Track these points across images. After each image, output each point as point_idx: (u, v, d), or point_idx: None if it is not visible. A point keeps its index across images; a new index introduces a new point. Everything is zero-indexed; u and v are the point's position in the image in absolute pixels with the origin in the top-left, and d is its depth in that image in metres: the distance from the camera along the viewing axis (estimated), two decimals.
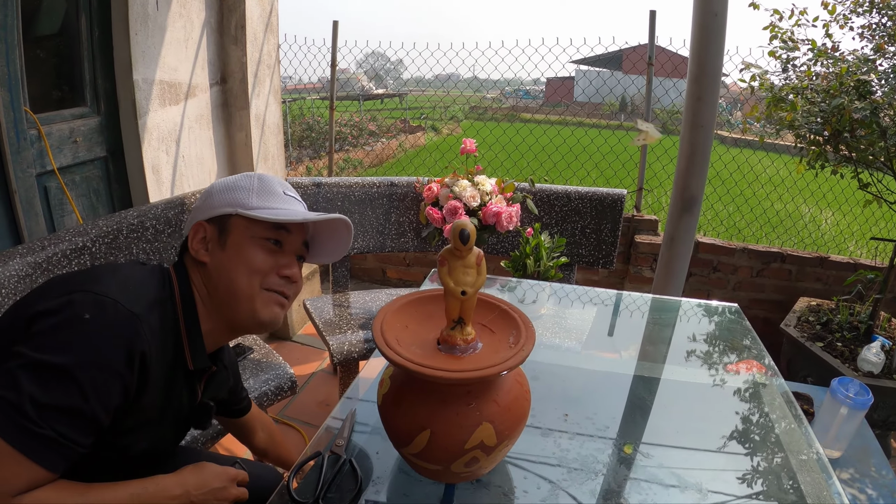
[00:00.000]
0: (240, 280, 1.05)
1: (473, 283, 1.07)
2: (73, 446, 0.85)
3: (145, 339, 0.90)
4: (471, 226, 1.04)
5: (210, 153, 2.94)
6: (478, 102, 7.04)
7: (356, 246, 2.82)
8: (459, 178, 2.50)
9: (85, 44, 2.28)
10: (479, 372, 0.99)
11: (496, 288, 2.38)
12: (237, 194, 1.08)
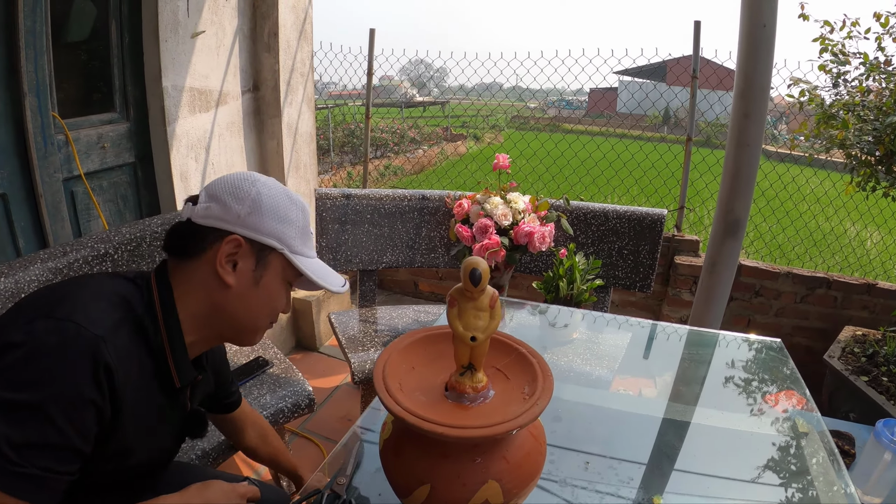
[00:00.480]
0: (261, 320, 1.05)
1: (485, 329, 0.96)
2: (60, 477, 0.83)
3: (111, 361, 0.85)
4: (484, 265, 0.94)
5: (241, 161, 2.90)
6: (520, 112, 6.91)
7: (385, 260, 2.74)
8: (491, 194, 2.39)
9: (115, 50, 2.27)
10: (486, 430, 0.89)
11: (527, 310, 2.27)
12: (288, 229, 1.03)
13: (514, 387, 1.03)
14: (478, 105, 5.83)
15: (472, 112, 6.69)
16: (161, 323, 0.97)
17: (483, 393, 1.01)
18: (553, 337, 2.13)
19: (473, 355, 0.99)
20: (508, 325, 2.20)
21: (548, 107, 7.46)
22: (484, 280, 0.93)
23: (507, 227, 2.31)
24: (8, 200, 1.98)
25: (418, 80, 8.71)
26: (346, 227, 2.68)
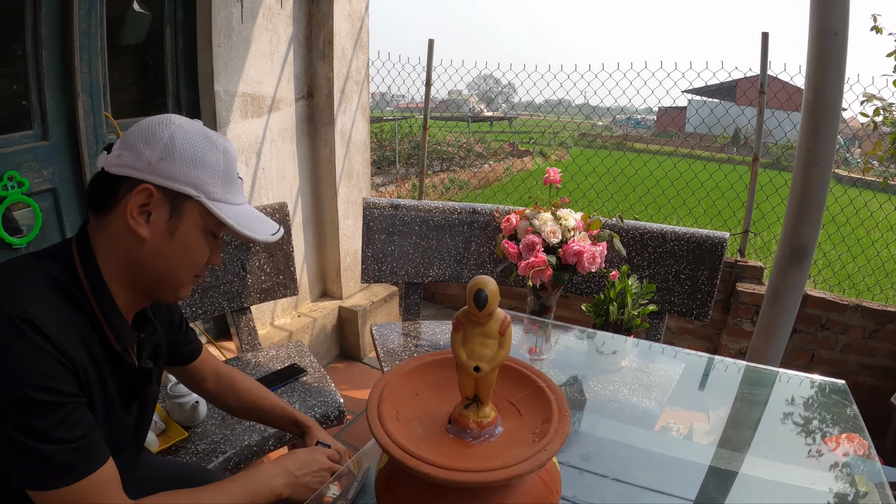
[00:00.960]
0: (180, 273, 0.96)
1: (492, 358, 0.85)
2: (93, 433, 0.87)
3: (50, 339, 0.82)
4: (492, 287, 0.82)
5: (292, 167, 2.88)
6: (587, 129, 6.70)
7: (431, 274, 2.65)
8: (541, 210, 2.26)
9: (169, 54, 2.28)
10: (481, 475, 0.77)
11: (573, 334, 2.12)
12: (203, 174, 0.92)
13: (525, 425, 0.91)
14: (545, 122, 5.68)
15: (539, 128, 6.55)
16: (87, 289, 0.91)
17: (489, 429, 0.89)
18: (600, 364, 1.97)
19: (479, 387, 0.88)
20: (553, 348, 2.07)
21: (615, 125, 7.20)
22: (491, 303, 0.82)
23: (555, 245, 2.17)
24: (58, 195, 2.01)
25: (486, 95, 8.64)
26: (392, 237, 2.60)
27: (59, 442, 0.81)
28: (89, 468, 0.84)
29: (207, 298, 2.16)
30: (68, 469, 0.82)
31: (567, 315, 3.55)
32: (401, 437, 0.83)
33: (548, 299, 2.33)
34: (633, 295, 2.10)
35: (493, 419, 0.90)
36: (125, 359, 0.98)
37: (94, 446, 0.86)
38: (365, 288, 3.51)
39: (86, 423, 0.85)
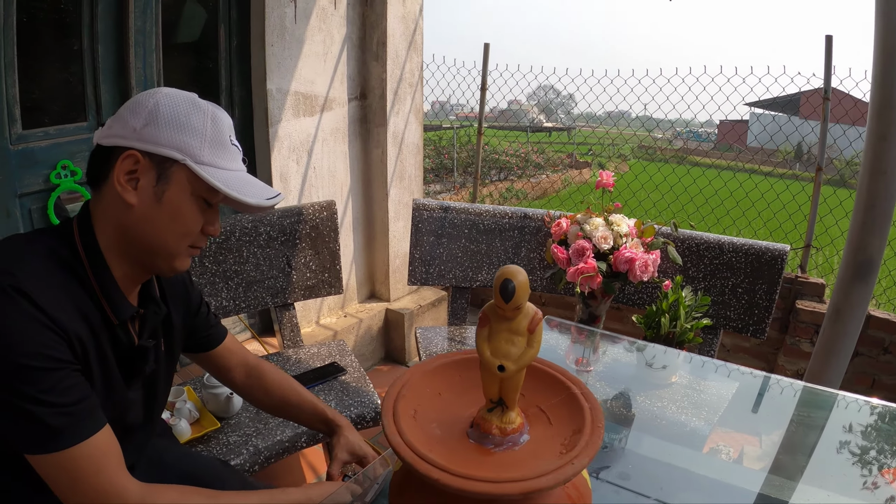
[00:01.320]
0: (170, 241, 0.93)
1: (518, 358, 0.75)
2: (89, 398, 0.86)
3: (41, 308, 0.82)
4: (521, 277, 0.73)
5: (344, 167, 2.85)
6: (647, 141, 6.48)
7: (479, 278, 2.56)
8: (593, 215, 2.14)
9: (223, 52, 2.30)
10: (500, 486, 0.68)
11: (622, 346, 1.99)
12: (189, 138, 0.89)
13: (554, 434, 0.81)
14: (603, 132, 5.53)
15: (597, 139, 6.37)
16: (85, 261, 0.91)
17: (513, 437, 0.79)
18: (649, 378, 1.84)
19: (504, 389, 0.78)
20: (601, 360, 1.94)
21: (675, 137, 6.93)
22: (520, 296, 0.72)
23: (606, 252, 2.05)
24: None
25: (547, 106, 8.51)
26: (441, 240, 2.53)
27: (52, 406, 0.80)
28: (83, 433, 0.83)
29: (251, 292, 2.14)
30: (61, 432, 0.81)
31: (617, 327, 3.39)
32: (414, 439, 0.75)
33: (597, 308, 2.20)
34: (687, 307, 1.95)
35: (519, 426, 0.81)
36: (123, 333, 0.97)
37: (88, 413, 0.85)
38: (413, 291, 3.45)
39: (79, 389, 0.85)
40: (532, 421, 0.85)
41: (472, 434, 0.81)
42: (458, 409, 0.87)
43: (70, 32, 1.89)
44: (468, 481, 0.68)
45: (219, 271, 2.06)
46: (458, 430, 0.82)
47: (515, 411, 0.81)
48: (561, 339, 2.07)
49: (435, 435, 0.80)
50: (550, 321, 2.15)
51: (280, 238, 2.18)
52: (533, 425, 0.84)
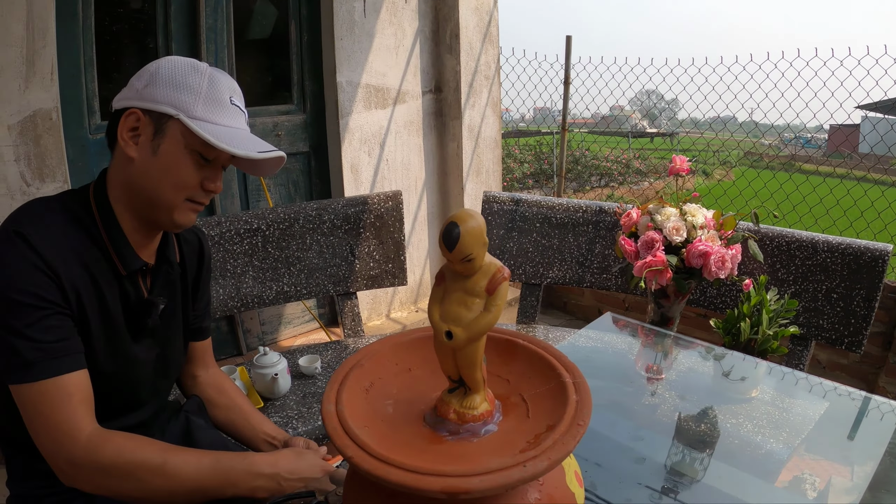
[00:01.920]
0: (165, 192, 0.93)
1: (471, 324, 0.59)
2: (71, 338, 0.88)
3: (38, 252, 0.86)
4: (472, 223, 0.57)
5: (418, 160, 2.76)
6: (754, 148, 5.90)
7: (551, 275, 2.36)
8: (667, 205, 1.89)
9: (294, 47, 2.31)
10: (420, 479, 0.52)
11: (697, 352, 1.73)
12: (183, 95, 0.92)
13: (528, 429, 0.64)
14: (709, 138, 5.10)
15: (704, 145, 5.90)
16: (96, 214, 0.95)
17: (473, 426, 0.63)
18: (725, 391, 1.57)
19: (459, 363, 0.62)
20: (673, 367, 1.69)
21: (784, 144, 6.23)
22: (466, 245, 0.56)
23: (678, 245, 1.80)
24: None
25: (650, 111, 8.06)
26: (511, 234, 2.37)
27: (31, 339, 0.84)
28: (52, 370, 0.85)
29: (313, 279, 2.09)
30: (33, 365, 0.84)
31: (693, 332, 3.03)
32: (350, 410, 0.61)
33: (670, 309, 1.94)
34: (771, 312, 1.66)
35: (484, 414, 0.64)
36: (131, 286, 0.99)
37: (63, 353, 0.87)
38: None
39: (62, 330, 0.87)
40: (510, 411, 0.68)
41: (428, 417, 0.66)
42: (427, 388, 0.72)
43: (146, 31, 1.96)
44: (383, 465, 0.53)
45: (281, 257, 2.03)
46: (416, 411, 0.67)
47: (481, 395, 0.65)
48: (631, 342, 1.84)
49: (383, 412, 0.66)
50: (617, 320, 1.92)
51: (344, 227, 2.12)
52: (508, 416, 0.67)
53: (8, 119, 1.77)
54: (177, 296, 1.11)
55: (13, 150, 1.79)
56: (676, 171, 1.92)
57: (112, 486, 0.87)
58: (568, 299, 3.74)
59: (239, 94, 0.98)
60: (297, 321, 2.66)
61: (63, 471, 0.86)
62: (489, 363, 0.75)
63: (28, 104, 1.80)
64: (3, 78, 1.75)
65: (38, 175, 1.84)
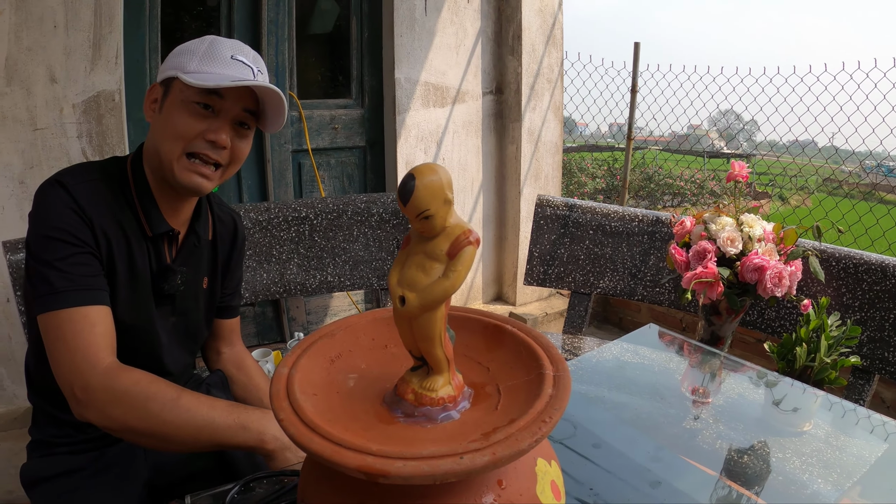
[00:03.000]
0: (164, 144, 0.95)
1: (425, 291, 0.51)
2: (97, 276, 0.92)
3: (79, 198, 0.92)
4: (435, 177, 0.49)
5: (476, 161, 2.69)
6: (832, 175, 5.44)
7: (601, 285, 2.22)
8: (723, 214, 1.73)
9: (354, 43, 2.31)
10: (338, 451, 0.44)
11: (747, 376, 1.54)
12: (183, 57, 0.96)
13: (492, 422, 0.54)
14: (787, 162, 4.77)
15: (781, 169, 5.50)
16: (130, 177, 0.99)
17: (430, 410, 0.55)
18: (774, 421, 1.38)
19: (418, 336, 0.54)
20: (722, 391, 1.53)
21: (865, 172, 5.68)
22: (422, 199, 0.49)
23: (733, 257, 1.63)
24: None
25: (727, 131, 7.64)
26: (563, 240, 2.25)
27: (61, 271, 0.88)
28: (81, 300, 0.88)
29: (357, 271, 2.05)
30: (62, 294, 0.88)
31: (747, 355, 2.77)
32: (302, 378, 0.54)
33: (721, 327, 1.77)
34: (831, 338, 1.47)
35: (445, 398, 0.56)
36: (154, 249, 1.01)
37: (88, 288, 0.90)
38: (542, 298, 3.16)
39: (90, 268, 0.91)
40: (480, 401, 0.59)
41: (387, 396, 0.58)
42: (400, 368, 0.63)
43: (209, 22, 2.01)
44: (308, 432, 0.46)
45: (327, 247, 2.01)
46: (378, 389, 0.60)
47: (444, 377, 0.56)
48: (673, 357, 1.68)
49: (342, 385, 0.59)
50: (663, 334, 1.77)
51: (392, 221, 2.07)
52: (476, 406, 0.58)
53: (73, 98, 1.86)
54: (202, 270, 1.12)
55: (76, 127, 1.88)
56: (734, 177, 1.75)
57: (119, 416, 0.86)
58: (623, 315, 3.55)
59: (247, 53, 0.99)
60: (343, 314, 2.64)
61: (77, 398, 0.86)
62: (472, 349, 0.67)
63: (93, 85, 1.87)
64: (71, 60, 1.83)
65: (99, 152, 1.91)
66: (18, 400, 1.95)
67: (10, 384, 1.95)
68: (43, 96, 1.82)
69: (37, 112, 1.82)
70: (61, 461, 1.03)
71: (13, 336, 1.92)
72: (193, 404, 0.88)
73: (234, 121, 0.98)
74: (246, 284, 1.82)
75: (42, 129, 1.83)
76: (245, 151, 1.02)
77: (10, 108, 1.79)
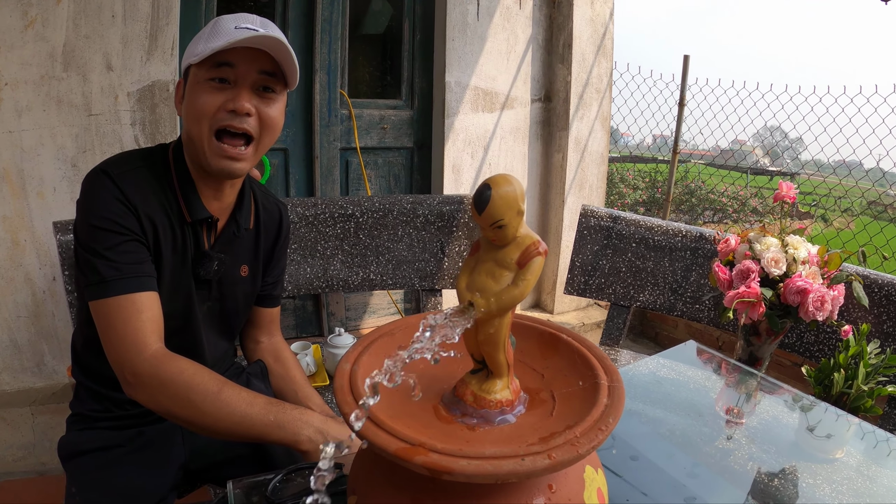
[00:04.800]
0: (193, 128, 0.96)
1: (497, 295, 0.53)
2: (143, 262, 0.94)
3: (123, 186, 0.93)
4: (510, 188, 0.51)
5: (522, 168, 2.69)
6: (878, 198, 5.24)
7: (641, 298, 2.21)
8: (768, 234, 1.71)
9: (406, 45, 2.34)
10: (396, 444, 0.46)
11: (782, 399, 1.52)
12: (193, 45, 0.96)
13: (548, 427, 0.56)
14: (830, 183, 4.66)
15: (827, 190, 5.34)
16: (171, 164, 1.01)
17: (489, 412, 0.57)
18: (806, 447, 1.36)
19: (484, 341, 0.56)
20: (756, 413, 1.51)
21: None
22: (497, 209, 0.51)
23: (776, 278, 1.61)
24: (288, 155, 2.13)
25: (772, 148, 7.46)
26: (606, 251, 2.24)
27: (109, 260, 0.90)
28: (125, 288, 0.90)
29: (400, 271, 2.07)
30: (109, 282, 0.90)
31: (783, 377, 2.71)
32: (366, 372, 0.57)
33: (760, 348, 1.75)
34: (869, 366, 1.45)
35: (503, 402, 0.57)
36: (193, 235, 1.02)
37: (135, 275, 0.92)
38: (581, 308, 3.14)
39: (137, 255, 0.93)
40: (535, 406, 0.61)
41: (445, 396, 0.60)
42: (457, 370, 0.65)
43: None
44: (374, 427, 0.48)
45: (371, 245, 2.03)
46: (436, 389, 0.62)
47: (503, 381, 0.58)
48: (710, 376, 1.67)
49: (401, 383, 0.60)
50: (701, 351, 1.75)
51: (437, 223, 2.08)
52: (531, 411, 0.60)
53: (129, 86, 1.90)
54: (241, 257, 1.12)
55: (130, 114, 1.92)
56: (781, 197, 1.73)
57: (163, 402, 0.89)
58: (660, 330, 3.51)
59: (253, 20, 0.96)
60: (381, 311, 2.67)
61: (127, 381, 0.89)
62: (527, 355, 0.69)
63: (148, 75, 1.92)
64: (128, 49, 1.87)
65: (151, 140, 1.95)
66: (58, 375, 2.00)
67: (51, 360, 1.99)
68: (98, 83, 1.86)
69: (92, 98, 1.86)
70: (100, 436, 1.05)
71: (57, 314, 1.96)
72: (234, 399, 0.89)
73: (254, 86, 0.95)
74: (289, 278, 1.84)
75: (96, 114, 1.88)
76: (274, 116, 0.98)
77: (66, 93, 1.83)
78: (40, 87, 1.80)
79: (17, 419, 1.92)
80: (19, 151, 1.81)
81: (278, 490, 0.79)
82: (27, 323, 1.92)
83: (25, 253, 1.86)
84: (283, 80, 0.98)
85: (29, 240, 1.86)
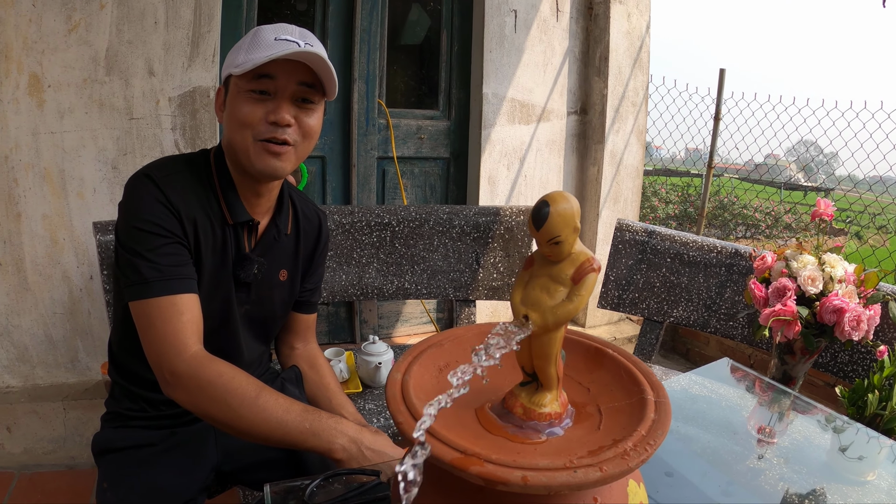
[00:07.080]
0: (234, 136, 0.98)
1: (552, 310, 0.54)
2: (185, 264, 0.95)
3: (166, 190, 0.95)
4: (567, 205, 0.53)
5: (557, 180, 2.69)
6: None
7: (674, 314, 2.19)
8: (805, 251, 1.69)
9: (444, 56, 2.35)
10: (452, 455, 0.48)
11: (815, 419, 1.49)
12: (233, 55, 0.98)
13: (595, 441, 0.57)
14: (866, 201, 4.55)
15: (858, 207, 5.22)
16: (213, 168, 1.03)
17: (538, 424, 0.58)
18: (836, 467, 1.33)
19: (534, 353, 0.57)
20: (788, 432, 1.49)
21: None
22: (555, 225, 0.52)
23: (813, 297, 1.59)
24: (326, 163, 2.17)
25: (807, 164, 7.31)
26: (640, 266, 2.22)
27: (151, 262, 0.92)
28: (169, 289, 0.92)
29: (435, 280, 2.08)
30: (150, 283, 0.91)
31: (816, 397, 2.65)
32: (417, 382, 0.58)
33: (794, 367, 1.72)
34: None
35: (552, 414, 0.58)
36: (234, 237, 1.03)
37: (177, 276, 0.93)
38: (612, 322, 3.12)
39: (178, 257, 0.94)
40: (582, 420, 0.62)
41: (495, 407, 0.61)
42: (504, 381, 0.67)
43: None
44: (428, 437, 0.49)
45: (407, 254, 2.04)
46: (484, 399, 0.63)
47: (552, 394, 0.59)
48: (744, 394, 1.65)
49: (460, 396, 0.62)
50: (735, 369, 1.73)
51: (473, 234, 2.09)
52: (578, 424, 0.61)
53: (170, 91, 1.93)
54: (280, 262, 1.13)
55: (171, 119, 1.95)
56: (819, 215, 1.70)
57: (202, 405, 0.90)
58: (691, 346, 3.46)
59: (292, 31, 0.97)
60: (414, 321, 2.69)
61: (166, 380, 0.90)
62: (573, 369, 0.69)
63: (189, 80, 1.95)
64: (170, 55, 1.91)
65: (191, 145, 1.99)
66: (91, 372, 2.02)
67: (85, 356, 2.01)
68: (140, 88, 1.89)
69: (134, 102, 1.89)
70: (134, 434, 1.06)
71: (92, 312, 1.98)
72: (271, 404, 0.89)
73: (294, 98, 0.97)
74: (324, 284, 1.86)
75: (138, 118, 1.91)
76: (313, 126, 1.00)
77: (108, 97, 1.86)
78: (83, 90, 1.83)
79: (50, 413, 1.94)
80: (61, 152, 1.84)
81: (315, 495, 0.79)
82: (63, 319, 1.95)
83: (64, 251, 1.89)
84: (321, 90, 1.00)
85: (67, 238, 1.88)
